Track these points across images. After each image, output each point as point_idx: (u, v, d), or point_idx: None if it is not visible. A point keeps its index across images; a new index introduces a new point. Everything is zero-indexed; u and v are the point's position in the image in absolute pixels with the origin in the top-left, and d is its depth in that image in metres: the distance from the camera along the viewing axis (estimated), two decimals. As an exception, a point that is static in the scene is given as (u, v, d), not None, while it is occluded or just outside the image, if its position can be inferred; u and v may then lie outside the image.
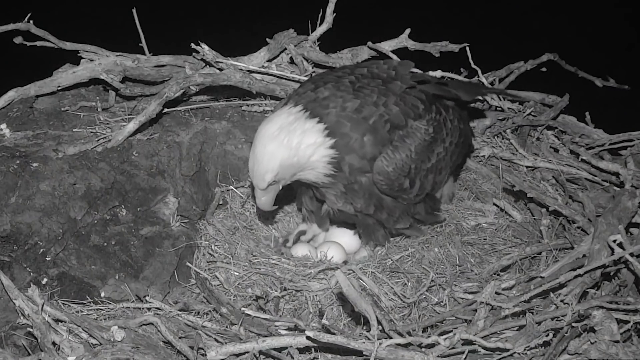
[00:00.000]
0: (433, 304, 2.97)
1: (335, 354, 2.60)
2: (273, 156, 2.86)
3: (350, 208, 3.10)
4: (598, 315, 2.51)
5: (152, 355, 2.55)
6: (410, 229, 3.23)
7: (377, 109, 2.94)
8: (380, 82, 3.05)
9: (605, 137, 3.76)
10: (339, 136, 2.90)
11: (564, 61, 4.17)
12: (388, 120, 2.94)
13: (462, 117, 3.34)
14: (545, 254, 3.19)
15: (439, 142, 3.10)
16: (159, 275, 3.08)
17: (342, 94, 2.96)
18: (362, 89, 2.99)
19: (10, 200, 2.99)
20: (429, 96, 3.12)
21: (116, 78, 3.49)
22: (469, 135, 3.44)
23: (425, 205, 3.24)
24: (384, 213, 3.10)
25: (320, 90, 2.99)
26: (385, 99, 2.97)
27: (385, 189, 2.99)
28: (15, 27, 3.48)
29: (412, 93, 3.06)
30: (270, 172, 2.88)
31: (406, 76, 3.10)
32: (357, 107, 2.93)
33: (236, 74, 3.53)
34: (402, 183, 3.00)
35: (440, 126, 3.11)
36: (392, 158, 2.94)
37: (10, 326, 2.76)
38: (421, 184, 3.08)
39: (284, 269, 3.06)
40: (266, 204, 3.02)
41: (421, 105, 3.05)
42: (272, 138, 2.86)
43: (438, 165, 3.13)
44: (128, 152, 3.30)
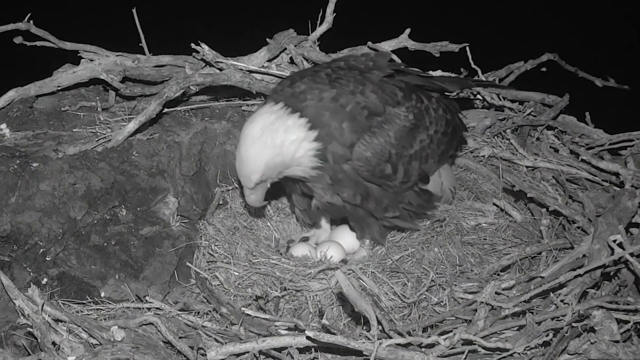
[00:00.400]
0: (433, 304, 2.97)
1: (335, 354, 2.60)
2: (258, 157, 2.90)
3: (338, 199, 3.10)
4: (598, 315, 2.51)
5: (152, 355, 2.55)
6: (400, 218, 3.21)
7: (354, 97, 2.97)
8: (357, 72, 3.08)
9: (605, 137, 3.76)
10: (321, 126, 2.93)
11: (564, 61, 4.17)
12: (365, 107, 2.97)
13: (450, 108, 3.34)
14: (545, 254, 3.19)
15: (421, 129, 3.11)
16: (159, 275, 3.08)
17: (318, 86, 2.99)
18: (338, 80, 3.03)
19: (10, 200, 2.99)
20: (409, 85, 3.15)
21: (116, 78, 3.49)
22: (460, 127, 3.44)
23: (417, 196, 3.23)
24: (371, 202, 3.10)
25: (297, 84, 3.03)
26: (363, 87, 3.00)
27: (366, 175, 3.00)
28: (15, 27, 3.48)
29: (390, 82, 3.09)
30: (256, 173, 2.93)
31: (384, 66, 3.13)
32: (333, 96, 2.96)
33: (236, 74, 3.53)
34: (384, 169, 3.00)
35: (421, 114, 3.12)
36: (370, 143, 2.95)
37: (10, 326, 2.76)
38: (405, 171, 3.08)
39: (284, 269, 3.06)
40: (255, 201, 3.07)
41: (400, 92, 3.07)
42: (255, 139, 2.90)
43: (422, 152, 3.13)
44: (128, 152, 3.30)
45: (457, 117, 3.41)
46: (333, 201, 3.12)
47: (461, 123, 3.49)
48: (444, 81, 3.39)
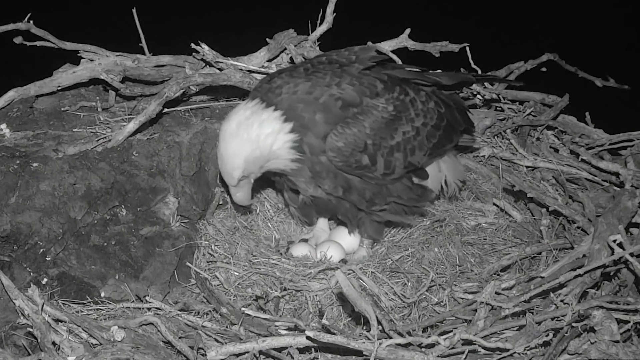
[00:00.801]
0: (433, 304, 2.97)
1: (335, 354, 2.60)
2: (236, 153, 2.95)
3: (321, 192, 3.11)
4: (598, 315, 2.51)
5: (152, 355, 2.55)
6: (390, 212, 3.20)
7: (329, 88, 2.99)
8: (337, 66, 3.11)
9: (605, 137, 3.76)
10: (295, 118, 2.96)
11: (564, 61, 4.17)
12: (340, 98, 2.98)
13: (447, 102, 3.30)
14: (545, 254, 3.20)
15: (403, 120, 3.09)
16: (159, 275, 3.07)
17: (294, 80, 3.03)
18: (315, 73, 3.06)
19: (10, 200, 2.99)
20: (393, 78, 3.14)
21: (116, 78, 3.49)
22: (459, 122, 3.36)
23: (408, 190, 3.21)
24: (353, 194, 3.10)
25: (274, 80, 3.09)
26: (339, 80, 3.02)
27: (341, 166, 3.00)
28: (15, 27, 3.47)
29: (371, 74, 3.10)
30: (237, 169, 2.97)
31: (365, 59, 3.14)
32: (307, 88, 2.99)
33: (236, 74, 3.53)
34: (360, 159, 2.99)
35: (405, 105, 3.10)
36: (341, 133, 2.95)
37: (10, 326, 2.76)
38: (387, 162, 3.05)
39: (284, 269, 3.06)
40: (242, 199, 3.11)
41: (380, 84, 3.07)
42: (232, 135, 2.95)
43: (407, 144, 3.10)
44: (128, 152, 3.30)
45: (458, 112, 3.36)
46: (316, 194, 3.14)
47: (464, 118, 3.41)
48: (440, 76, 3.37)
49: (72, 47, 3.59)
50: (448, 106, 3.30)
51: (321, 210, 3.35)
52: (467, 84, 3.65)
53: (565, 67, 4.18)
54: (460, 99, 3.46)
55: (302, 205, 3.31)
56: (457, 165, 3.50)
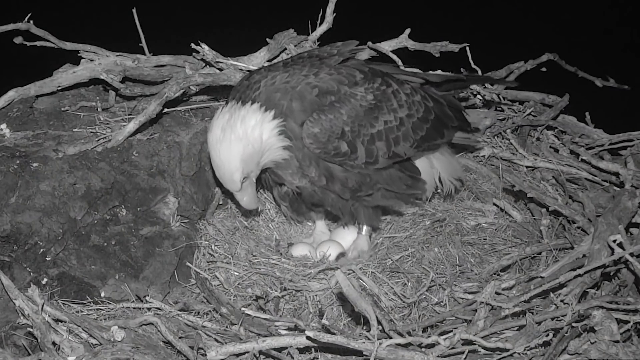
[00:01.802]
0: (433, 304, 2.97)
1: (335, 354, 2.60)
2: (230, 156, 2.93)
3: (306, 183, 3.11)
4: (598, 315, 2.51)
5: (152, 355, 2.55)
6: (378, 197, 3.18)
7: (305, 77, 3.02)
8: (316, 59, 3.14)
9: (605, 137, 3.76)
10: (274, 106, 2.98)
11: (564, 61, 4.17)
12: (316, 86, 3.00)
13: (434, 97, 3.28)
14: (545, 254, 3.20)
15: (385, 110, 3.08)
16: (159, 275, 3.08)
17: (271, 73, 3.07)
18: (293, 66, 3.10)
19: (10, 200, 2.99)
20: (374, 70, 3.15)
21: (116, 78, 3.49)
22: (450, 117, 3.32)
23: (398, 178, 3.19)
24: (336, 183, 3.09)
25: (253, 76, 3.13)
26: (317, 70, 3.05)
27: (319, 153, 3.00)
28: (15, 27, 3.47)
29: (350, 65, 3.12)
30: (236, 171, 2.96)
31: (346, 52, 3.16)
32: (284, 79, 3.02)
33: (236, 74, 3.53)
34: (338, 146, 2.98)
35: (385, 95, 3.10)
36: (317, 120, 2.95)
37: (10, 326, 2.76)
38: (368, 150, 3.04)
39: (284, 269, 3.06)
40: (249, 202, 3.10)
41: (359, 74, 3.08)
42: (220, 141, 2.94)
43: (390, 133, 3.08)
44: (128, 152, 3.30)
45: (450, 109, 3.33)
46: (302, 185, 3.13)
47: (456, 115, 3.37)
48: (429, 75, 3.38)
49: (72, 47, 3.59)
50: (437, 102, 3.29)
51: (309, 203, 3.31)
52: (457, 83, 3.54)
53: (565, 67, 4.18)
54: (453, 99, 3.44)
55: (292, 201, 3.30)
56: (452, 162, 3.47)
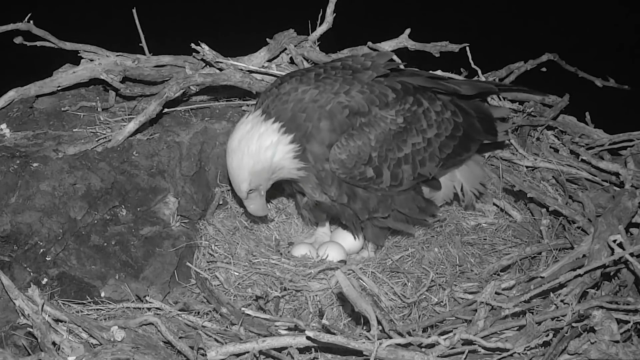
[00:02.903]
0: (433, 304, 2.97)
1: (335, 354, 2.60)
2: (240, 167, 2.98)
3: (326, 198, 3.11)
4: (598, 315, 2.51)
5: (152, 355, 2.55)
6: (390, 219, 3.16)
7: (335, 96, 2.96)
8: (350, 72, 3.06)
9: (605, 137, 3.75)
10: (296, 129, 2.95)
11: (564, 61, 4.17)
12: (347, 106, 2.95)
13: (465, 110, 3.23)
14: (545, 254, 3.20)
15: (414, 132, 3.04)
16: (159, 275, 3.07)
17: (303, 87, 3.01)
18: (325, 80, 3.02)
19: (10, 200, 2.99)
20: (407, 87, 3.08)
21: (116, 78, 3.49)
22: (478, 130, 3.27)
23: (411, 201, 3.17)
24: (357, 202, 3.08)
25: (283, 85, 3.06)
26: (349, 87, 2.98)
27: (344, 178, 2.98)
28: (15, 27, 3.47)
29: (384, 82, 3.05)
30: (244, 182, 3.00)
31: (380, 66, 3.09)
32: (314, 96, 2.96)
33: (236, 74, 3.53)
34: (364, 172, 2.97)
35: (416, 117, 3.05)
36: (345, 146, 2.92)
37: (10, 326, 2.76)
38: (394, 174, 3.02)
39: (284, 269, 3.06)
40: (255, 210, 3.14)
41: (392, 94, 3.02)
42: (235, 151, 2.99)
43: (417, 156, 3.06)
44: (128, 152, 3.30)
45: (479, 121, 3.28)
46: (322, 200, 3.13)
47: (485, 127, 3.31)
48: (461, 84, 3.29)
49: (72, 47, 3.58)
50: (467, 115, 3.23)
51: (327, 213, 3.33)
52: (488, 94, 3.49)
53: (565, 67, 4.17)
54: (485, 108, 3.38)
55: (312, 209, 3.30)
56: (476, 171, 3.42)
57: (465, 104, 3.27)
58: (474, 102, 3.33)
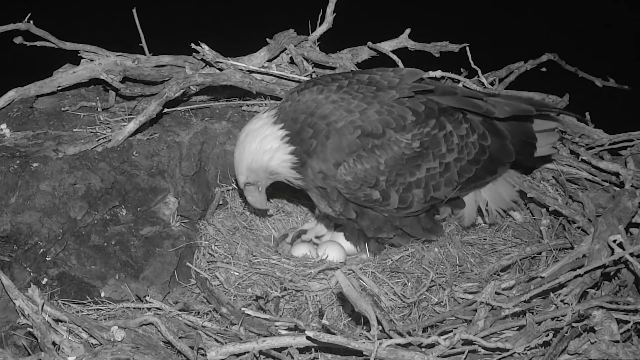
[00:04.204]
0: (433, 304, 2.97)
1: (335, 354, 2.60)
2: (239, 161, 3.05)
3: (332, 212, 3.11)
4: (598, 315, 2.51)
5: (152, 355, 2.55)
6: (395, 238, 3.15)
7: (349, 114, 2.90)
8: (374, 89, 2.97)
9: (605, 137, 3.75)
10: (299, 143, 2.94)
11: (564, 61, 4.17)
12: (360, 126, 2.89)
13: (498, 132, 3.10)
14: (545, 254, 3.20)
15: (430, 157, 2.96)
16: (159, 275, 3.08)
17: (320, 99, 2.96)
18: (345, 94, 2.95)
19: (10, 200, 2.99)
20: (431, 108, 2.97)
21: (116, 78, 3.49)
22: (509, 153, 3.14)
23: (417, 222, 3.13)
24: (365, 220, 3.07)
25: (304, 92, 3.03)
26: (366, 107, 2.91)
27: (349, 198, 2.96)
28: (15, 27, 3.48)
29: (407, 102, 2.94)
30: (241, 175, 3.07)
31: (406, 87, 2.97)
32: (327, 113, 2.92)
33: (236, 74, 3.53)
34: (369, 194, 2.93)
35: (436, 141, 2.96)
36: (351, 168, 2.89)
37: (11, 326, 2.76)
38: (403, 198, 2.96)
39: (284, 269, 3.06)
40: (254, 202, 3.20)
41: (411, 117, 2.92)
42: (240, 143, 3.06)
43: (431, 180, 2.98)
44: (128, 152, 3.30)
45: (514, 143, 3.14)
46: (327, 212, 3.13)
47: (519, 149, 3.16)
48: (497, 104, 3.10)
49: (72, 47, 3.59)
50: (499, 137, 3.11)
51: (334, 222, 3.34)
52: (524, 116, 3.20)
53: (565, 67, 4.18)
54: (527, 128, 3.19)
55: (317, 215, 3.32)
56: (505, 190, 3.31)
57: (503, 125, 3.13)
58: (519, 123, 3.18)
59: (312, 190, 3.07)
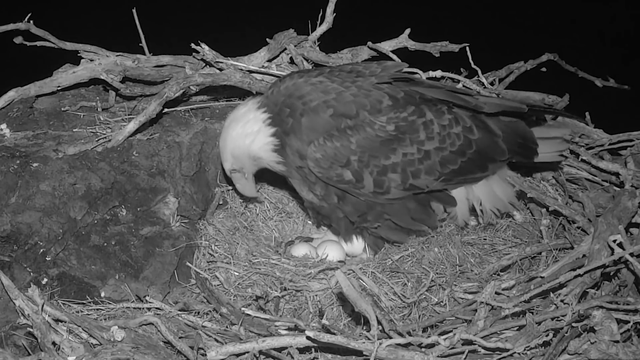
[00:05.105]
0: (433, 304, 2.97)
1: (335, 354, 2.60)
2: (224, 147, 3.11)
3: (313, 197, 3.11)
4: (598, 315, 2.51)
5: (152, 355, 2.55)
6: (383, 229, 3.12)
7: (324, 95, 2.96)
8: (354, 76, 3.03)
9: (605, 137, 3.75)
10: (279, 124, 2.98)
11: (564, 61, 4.17)
12: (333, 106, 2.93)
13: (487, 129, 3.09)
14: (545, 254, 3.20)
15: (406, 142, 2.95)
16: (159, 275, 3.08)
17: (299, 82, 3.02)
18: (325, 78, 3.02)
19: (10, 200, 2.99)
20: (412, 96, 2.99)
21: (116, 78, 3.49)
22: (500, 151, 3.12)
23: (406, 212, 3.10)
24: (347, 205, 3.05)
25: (285, 79, 3.10)
26: (343, 90, 2.96)
27: (322, 177, 2.97)
28: (15, 27, 3.47)
29: (384, 89, 2.98)
30: (226, 161, 3.14)
31: (386, 75, 3.01)
32: (303, 93, 2.98)
33: (236, 74, 3.53)
34: (341, 174, 2.93)
35: (413, 127, 2.95)
36: (321, 145, 2.90)
37: (10, 326, 2.76)
38: (378, 181, 2.94)
39: (284, 269, 3.06)
40: (242, 189, 3.25)
41: (388, 101, 2.95)
42: (225, 129, 3.13)
43: (409, 166, 2.96)
44: (128, 152, 3.30)
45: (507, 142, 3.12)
46: (309, 198, 3.13)
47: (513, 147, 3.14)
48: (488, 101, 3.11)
49: (72, 47, 3.59)
50: (489, 133, 3.09)
51: (317, 214, 3.27)
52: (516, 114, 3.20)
53: (565, 67, 4.18)
54: (521, 128, 3.18)
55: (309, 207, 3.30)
56: (502, 190, 3.27)
57: (493, 122, 3.12)
58: (508, 121, 3.17)
59: (294, 175, 3.08)
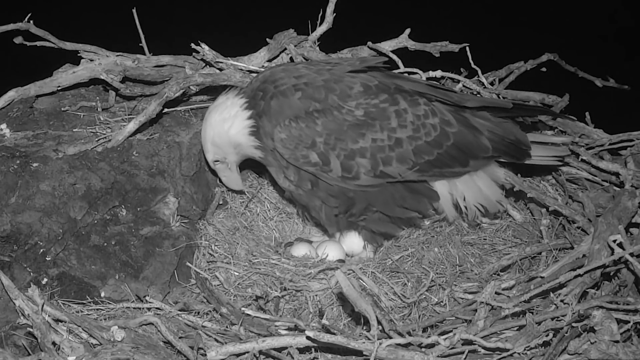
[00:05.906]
0: (433, 304, 2.97)
1: (335, 354, 2.60)
2: (204, 137, 3.17)
3: (289, 185, 3.12)
4: (598, 315, 2.51)
5: (152, 355, 2.55)
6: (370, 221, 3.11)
7: (296, 79, 3.01)
8: (331, 65, 3.10)
9: (605, 137, 3.75)
10: (253, 107, 3.03)
11: (564, 61, 4.17)
12: (301, 89, 2.97)
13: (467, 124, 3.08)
14: (545, 254, 3.20)
15: (376, 127, 2.96)
16: (159, 275, 3.08)
17: (275, 69, 3.11)
18: (301, 66, 3.09)
19: (10, 200, 2.99)
20: (386, 85, 3.02)
21: (116, 78, 3.49)
22: (482, 147, 3.10)
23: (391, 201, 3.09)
24: (321, 190, 3.05)
25: (265, 71, 3.17)
26: (315, 75, 3.01)
27: (289, 159, 2.99)
28: (15, 27, 3.47)
29: (357, 77, 3.03)
30: (208, 152, 3.19)
31: (360, 65, 3.08)
32: (277, 78, 3.03)
33: (236, 74, 3.53)
34: (307, 155, 2.94)
35: (384, 114, 2.96)
36: (287, 126, 2.94)
37: (10, 326, 2.76)
38: (346, 165, 2.94)
39: (284, 269, 3.06)
40: (227, 182, 3.31)
41: (359, 87, 2.99)
42: (205, 120, 3.17)
43: (379, 152, 2.95)
44: (128, 152, 3.30)
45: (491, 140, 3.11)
46: (285, 186, 3.14)
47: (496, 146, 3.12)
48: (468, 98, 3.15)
49: (72, 47, 3.58)
50: (470, 128, 3.09)
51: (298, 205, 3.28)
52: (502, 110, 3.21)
53: (565, 67, 4.18)
54: (509, 128, 3.17)
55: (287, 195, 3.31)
56: (487, 187, 3.24)
57: (477, 119, 3.12)
58: (498, 121, 3.16)
59: (271, 162, 3.10)
